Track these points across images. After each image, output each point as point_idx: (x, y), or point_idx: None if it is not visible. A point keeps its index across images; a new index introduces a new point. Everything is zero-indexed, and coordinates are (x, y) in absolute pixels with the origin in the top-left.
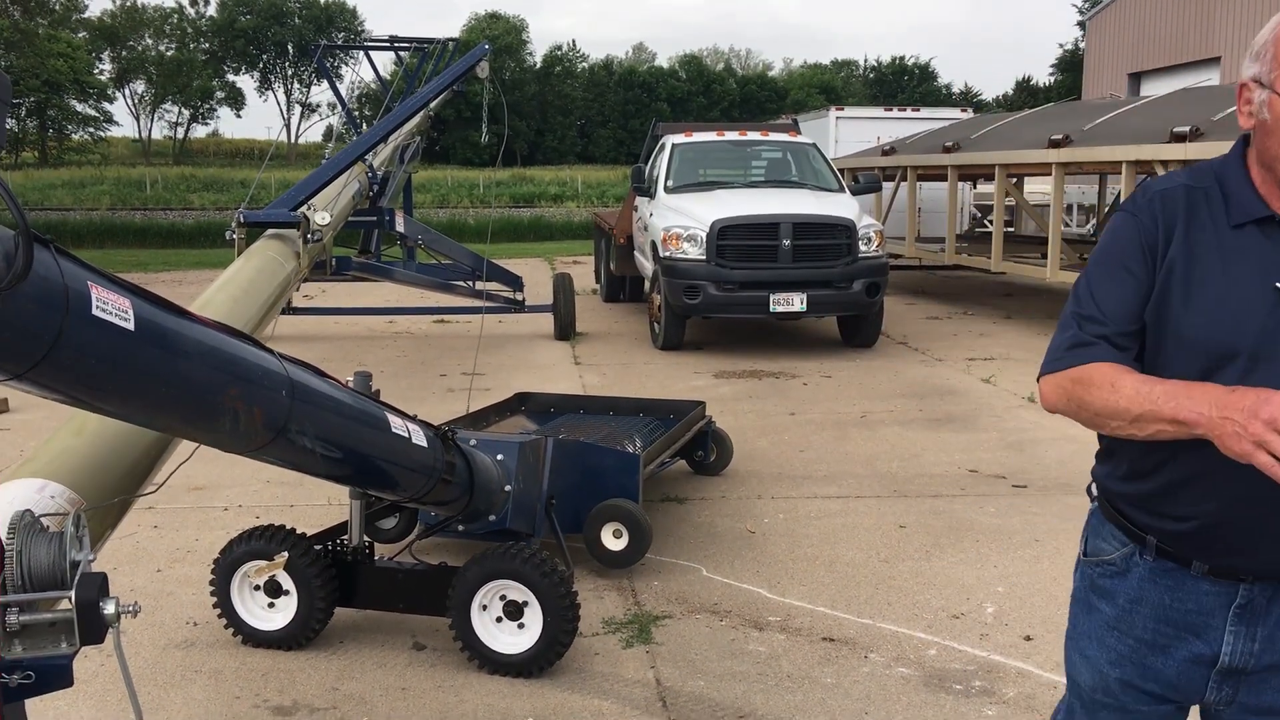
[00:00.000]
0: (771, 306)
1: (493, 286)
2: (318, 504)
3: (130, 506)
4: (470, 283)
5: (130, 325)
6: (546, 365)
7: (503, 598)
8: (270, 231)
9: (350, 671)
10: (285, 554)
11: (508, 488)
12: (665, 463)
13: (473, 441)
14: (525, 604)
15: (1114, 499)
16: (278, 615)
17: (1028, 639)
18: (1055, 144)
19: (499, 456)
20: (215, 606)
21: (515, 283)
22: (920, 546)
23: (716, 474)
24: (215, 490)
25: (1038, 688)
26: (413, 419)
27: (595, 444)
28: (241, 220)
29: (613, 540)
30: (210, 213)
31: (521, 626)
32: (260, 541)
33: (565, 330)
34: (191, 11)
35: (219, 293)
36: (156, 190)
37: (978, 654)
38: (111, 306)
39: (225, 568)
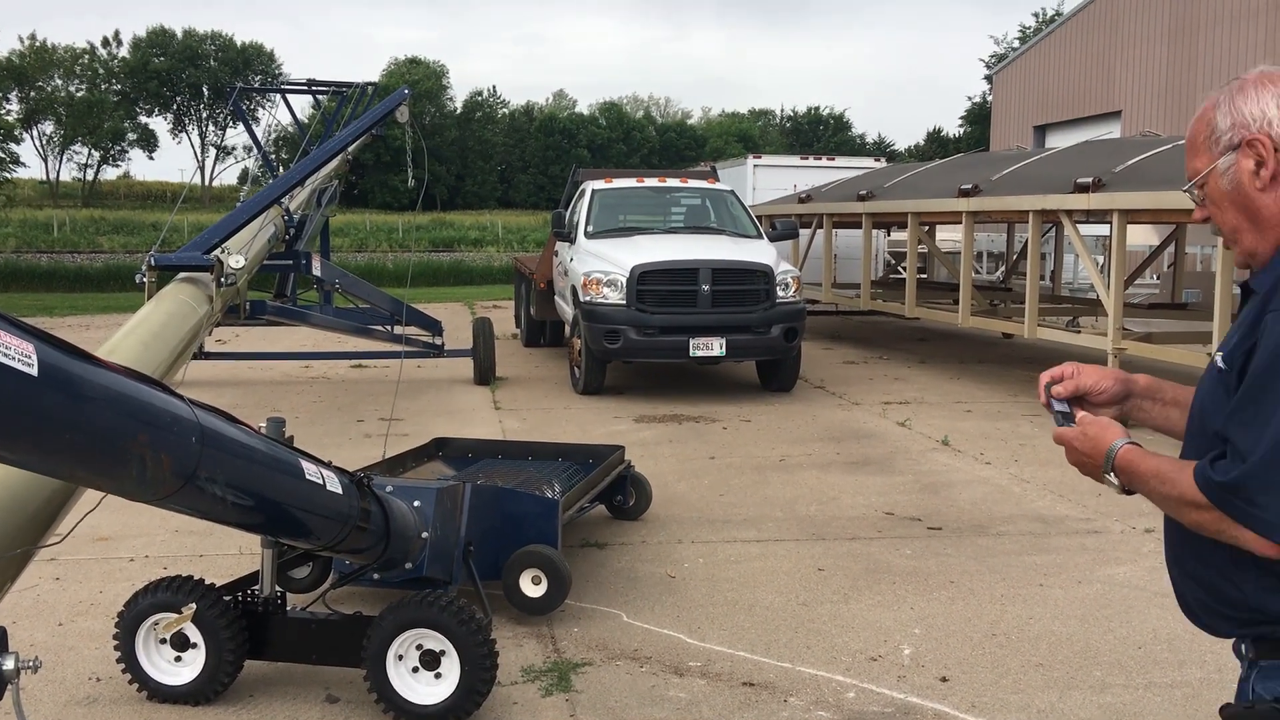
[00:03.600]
0: (691, 351)
1: (411, 331)
2: (229, 553)
3: (32, 558)
4: (389, 327)
5: (33, 370)
6: (466, 410)
7: (419, 647)
8: (182, 275)
9: None
10: (193, 606)
11: (425, 534)
12: (584, 508)
13: (389, 488)
14: (442, 653)
15: None
16: (185, 669)
17: (944, 680)
18: (965, 193)
19: (415, 503)
20: (119, 661)
21: (434, 327)
22: (838, 589)
23: (635, 519)
24: (121, 540)
25: None
26: (327, 465)
27: (513, 489)
28: (153, 263)
29: (531, 587)
30: (120, 255)
31: (438, 676)
32: (167, 593)
33: (485, 375)
34: (103, 52)
35: (128, 337)
36: (64, 233)
37: (895, 696)
38: (14, 351)
39: (130, 621)
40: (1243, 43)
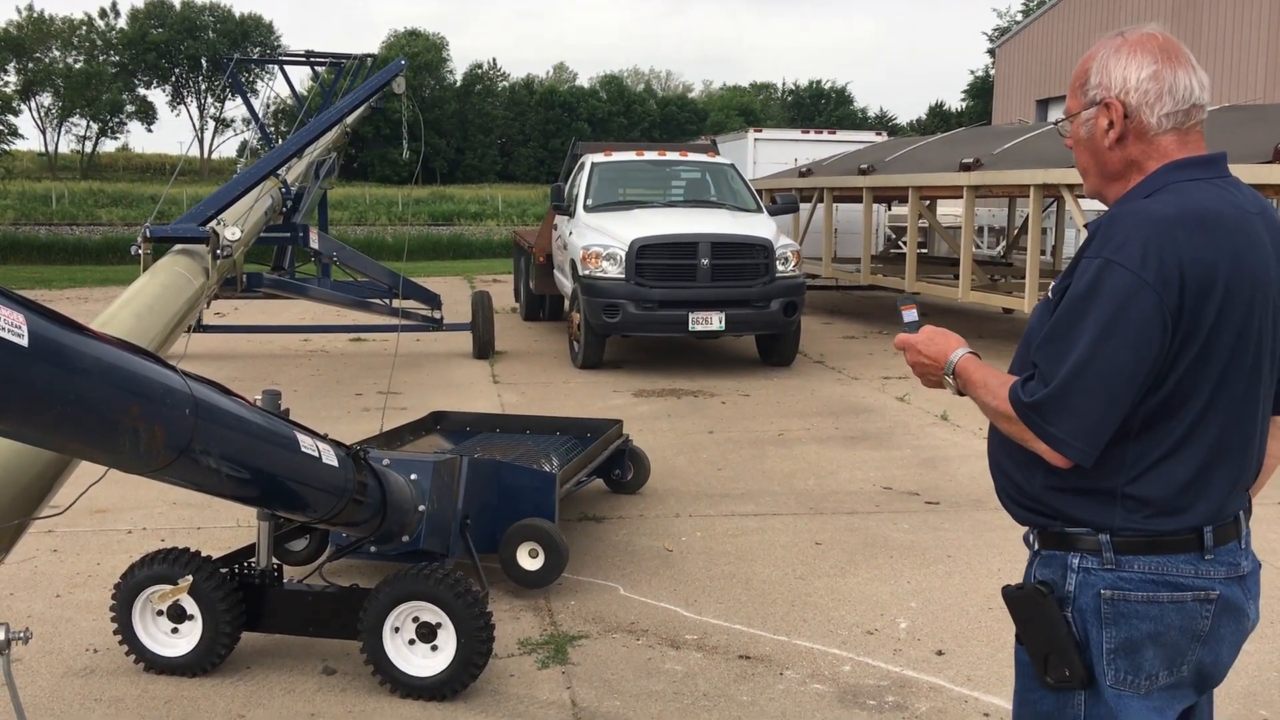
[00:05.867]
0: (690, 325)
1: (410, 305)
2: (226, 526)
3: (26, 529)
4: (387, 301)
5: (24, 341)
6: (465, 384)
7: (415, 619)
8: (178, 247)
9: (257, 698)
10: (190, 578)
11: (421, 508)
12: (582, 481)
13: (386, 461)
14: (439, 626)
15: None
16: (181, 641)
17: (940, 654)
18: (966, 167)
19: (413, 476)
20: (116, 633)
21: (433, 301)
22: (835, 563)
23: (634, 492)
24: (119, 513)
25: (949, 702)
26: (323, 438)
27: (511, 463)
28: (148, 235)
29: (529, 560)
30: (119, 228)
31: (435, 649)
32: (163, 565)
33: (484, 349)
34: (101, 23)
35: (122, 309)
36: (63, 205)
37: (891, 669)
38: (3, 321)
39: (127, 592)
40: (1246, 18)
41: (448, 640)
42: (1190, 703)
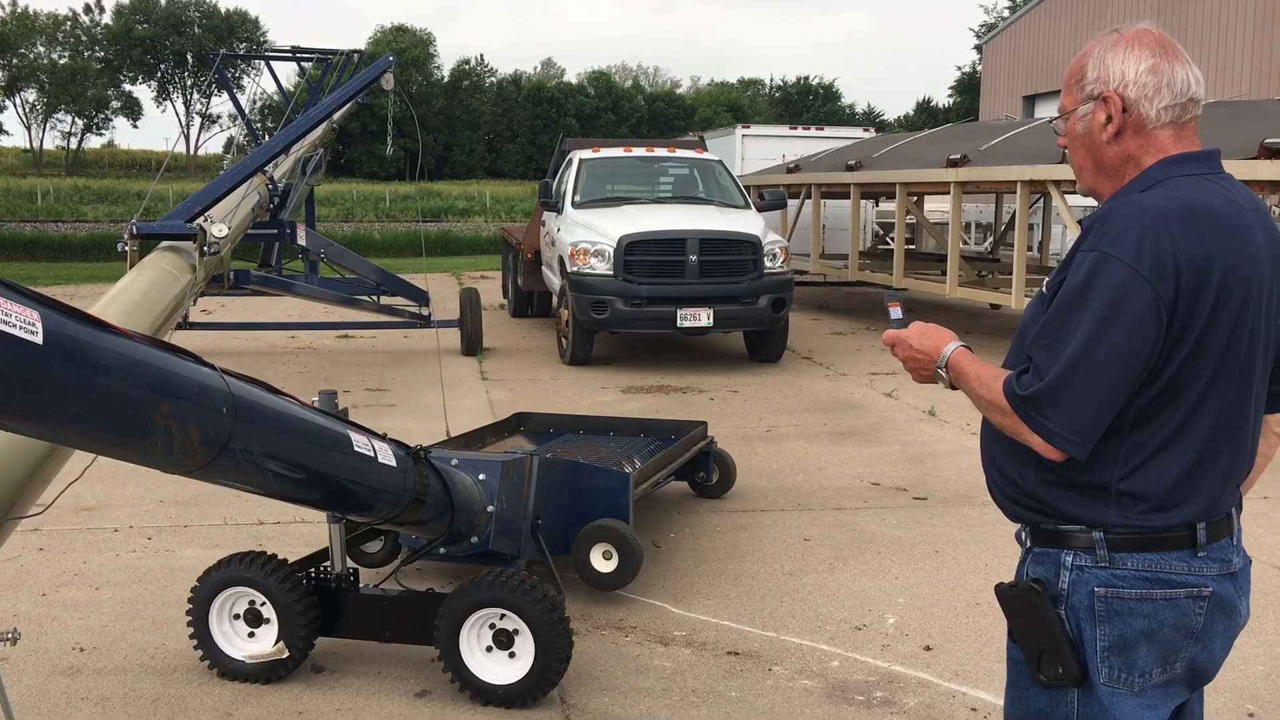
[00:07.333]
0: (678, 322)
1: (398, 301)
2: (213, 524)
3: (13, 528)
4: (375, 297)
5: (38, 338)
6: (453, 381)
7: (493, 626)
8: (165, 243)
9: (244, 696)
10: (284, 649)
11: (490, 508)
12: (660, 483)
13: (454, 461)
14: (516, 632)
15: None
16: (256, 645)
17: (927, 649)
18: (953, 163)
19: (481, 476)
20: (192, 637)
21: (421, 297)
22: (824, 559)
23: (718, 496)
24: (105, 511)
25: (937, 697)
26: (382, 438)
27: (583, 463)
28: (135, 232)
29: (602, 561)
30: (105, 225)
31: (512, 655)
32: (240, 567)
33: (472, 345)
34: (86, 19)
35: (109, 306)
36: (48, 202)
37: (879, 665)
38: (16, 319)
39: (204, 595)
40: (1232, 13)
41: (525, 647)
42: (1183, 699)
